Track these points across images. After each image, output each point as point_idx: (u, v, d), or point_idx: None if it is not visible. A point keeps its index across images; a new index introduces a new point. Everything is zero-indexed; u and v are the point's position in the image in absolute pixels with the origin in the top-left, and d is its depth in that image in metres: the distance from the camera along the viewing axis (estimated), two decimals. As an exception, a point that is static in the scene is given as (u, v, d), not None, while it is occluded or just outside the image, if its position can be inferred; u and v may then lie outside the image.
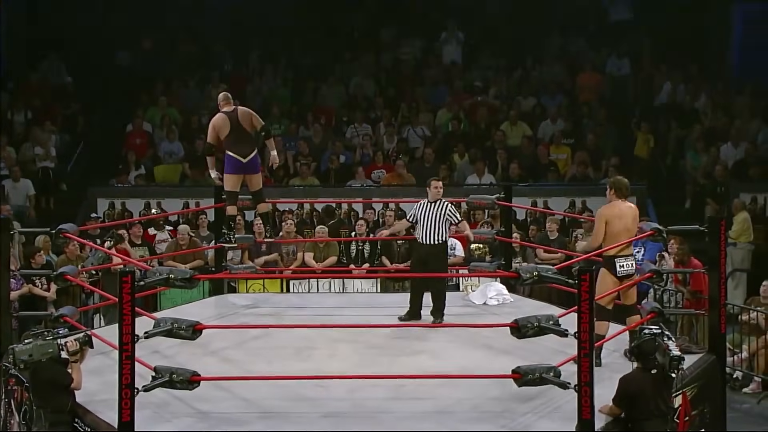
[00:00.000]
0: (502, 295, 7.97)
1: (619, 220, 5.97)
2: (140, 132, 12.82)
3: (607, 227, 5.95)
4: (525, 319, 5.21)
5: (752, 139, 12.51)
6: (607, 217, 5.97)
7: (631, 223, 6.04)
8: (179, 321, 5.21)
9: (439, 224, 7.16)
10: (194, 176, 12.20)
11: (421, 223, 7.21)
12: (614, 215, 5.98)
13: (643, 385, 5.06)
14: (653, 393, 5.06)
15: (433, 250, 7.15)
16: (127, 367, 4.90)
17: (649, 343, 5.06)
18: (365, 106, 13.48)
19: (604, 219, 5.96)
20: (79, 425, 5.21)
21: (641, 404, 5.05)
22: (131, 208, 11.44)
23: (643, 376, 5.08)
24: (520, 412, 5.30)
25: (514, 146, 12.63)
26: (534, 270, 5.24)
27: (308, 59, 14.32)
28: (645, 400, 5.04)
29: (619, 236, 5.99)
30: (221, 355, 6.35)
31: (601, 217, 5.98)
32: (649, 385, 5.06)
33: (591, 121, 13.09)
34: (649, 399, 5.04)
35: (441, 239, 7.17)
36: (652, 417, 5.05)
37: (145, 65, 14.13)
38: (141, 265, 7.26)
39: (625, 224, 6.00)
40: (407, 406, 5.43)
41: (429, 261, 7.12)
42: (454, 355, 6.39)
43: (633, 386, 5.07)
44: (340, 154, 12.41)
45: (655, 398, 5.06)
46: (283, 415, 5.31)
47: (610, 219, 5.97)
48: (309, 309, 7.78)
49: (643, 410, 5.05)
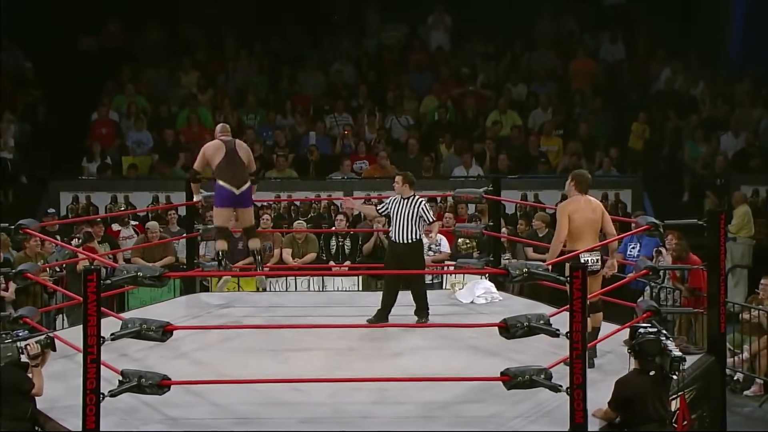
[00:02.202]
0: (490, 294, 7.99)
1: (581, 214, 6.15)
2: (106, 121, 12.75)
3: (570, 222, 6.13)
4: (514, 319, 5.23)
5: (753, 128, 12.60)
6: (569, 211, 6.15)
7: (591, 215, 6.20)
8: (148, 322, 5.19)
9: (413, 222, 7.14)
10: (164, 168, 12.14)
11: (395, 221, 7.18)
12: (576, 209, 6.16)
13: (640, 388, 5.08)
14: (651, 396, 5.08)
15: (408, 249, 7.13)
16: (92, 370, 4.87)
17: (652, 343, 5.08)
18: (346, 94, 13.46)
19: (566, 213, 6.14)
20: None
21: (638, 408, 5.07)
22: (97, 203, 11.39)
23: (641, 378, 5.11)
24: (509, 417, 5.32)
25: (503, 136, 12.66)
26: (524, 267, 5.26)
27: (286, 44, 14.28)
28: (642, 404, 5.06)
29: (582, 230, 6.15)
30: (193, 358, 6.33)
31: (564, 212, 6.16)
32: (647, 388, 5.08)
33: (584, 109, 13.14)
34: (647, 402, 5.07)
35: (415, 237, 7.17)
36: (650, 421, 5.08)
37: (110, 50, 14.03)
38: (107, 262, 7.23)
39: (586, 218, 6.17)
40: (390, 410, 5.44)
41: (404, 260, 7.09)
42: (440, 356, 6.41)
43: (630, 389, 5.09)
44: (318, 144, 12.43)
45: (653, 401, 5.09)
46: (258, 421, 5.30)
47: (572, 213, 6.15)
48: (287, 308, 7.77)
49: (640, 414, 5.07)
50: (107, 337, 5.03)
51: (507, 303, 7.85)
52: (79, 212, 11.13)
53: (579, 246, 6.12)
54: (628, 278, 7.25)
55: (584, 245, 6.12)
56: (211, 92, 13.34)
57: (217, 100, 13.22)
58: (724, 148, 12.31)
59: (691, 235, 8.09)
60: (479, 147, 12.47)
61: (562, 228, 6.14)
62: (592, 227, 6.19)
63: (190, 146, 12.45)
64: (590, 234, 6.18)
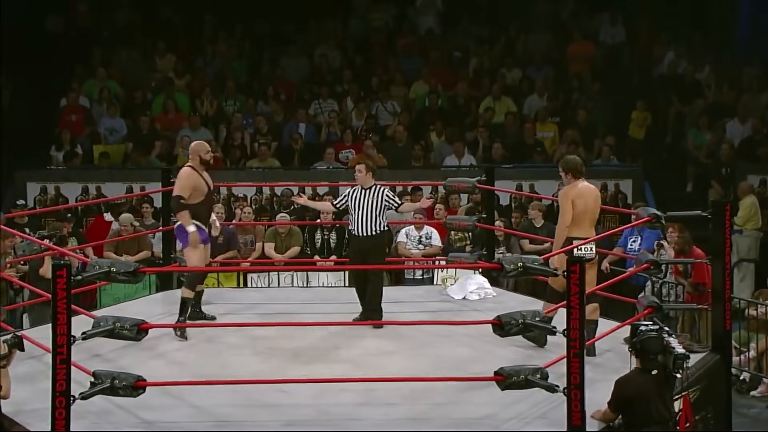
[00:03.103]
0: (483, 289, 8.01)
1: (582, 200, 6.32)
2: (76, 107, 12.70)
3: (573, 208, 6.29)
4: (509, 316, 5.25)
5: (761, 115, 12.65)
6: (572, 196, 6.31)
7: (593, 203, 6.36)
8: (122, 320, 5.18)
9: (376, 212, 7.08)
10: (139, 158, 12.10)
11: (354, 213, 7.11)
12: (578, 195, 6.32)
13: (642, 388, 5.10)
14: (653, 396, 5.10)
15: (372, 242, 7.07)
16: (61, 372, 4.86)
17: (654, 341, 5.09)
18: (331, 79, 13.45)
19: (570, 198, 6.30)
20: (5, 439, 5.17)
21: (640, 409, 5.09)
22: (66, 194, 11.35)
23: (643, 378, 5.13)
24: (504, 418, 5.34)
25: (496, 124, 12.68)
26: (519, 261, 5.27)
27: (267, 26, 14.24)
28: (644, 404, 5.08)
29: (581, 217, 6.32)
30: (170, 358, 6.33)
31: (567, 197, 6.31)
32: (648, 388, 5.10)
33: (582, 95, 13.17)
34: (649, 403, 5.09)
35: (379, 229, 7.12)
36: (652, 423, 5.10)
37: (80, 31, 13.96)
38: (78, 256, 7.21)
39: (586, 204, 6.34)
40: (378, 412, 5.45)
41: (368, 255, 7.05)
42: (430, 355, 6.42)
43: (631, 389, 5.11)
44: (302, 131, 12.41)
45: (655, 402, 5.11)
46: (240, 424, 5.31)
47: (575, 198, 6.31)
48: (269, 305, 7.77)
49: (642, 415, 5.09)
50: (78, 337, 5.02)
51: (501, 299, 7.86)
52: (48, 204, 11.08)
53: (577, 233, 6.26)
54: (628, 273, 7.28)
55: (582, 232, 6.26)
56: (189, 77, 13.30)
57: (195, 85, 13.18)
58: (730, 136, 12.36)
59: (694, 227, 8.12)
60: (472, 135, 12.49)
61: (566, 214, 6.27)
62: (591, 214, 6.36)
63: (167, 134, 12.43)
64: (589, 221, 6.35)
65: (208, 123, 12.66)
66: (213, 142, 12.26)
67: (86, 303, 8.17)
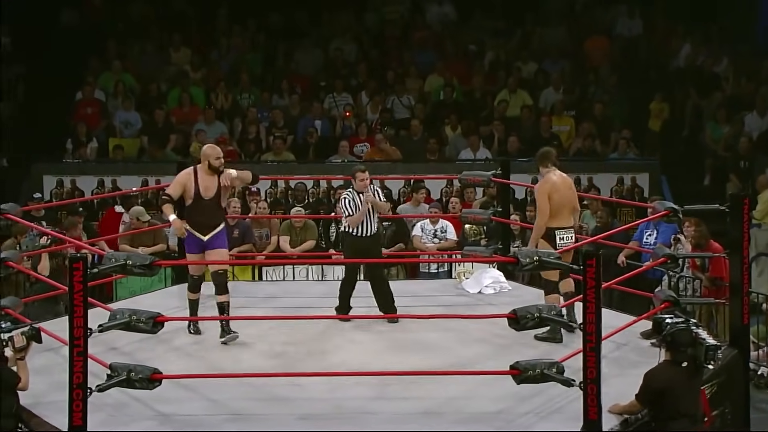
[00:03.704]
0: (498, 283, 8.02)
1: (557, 193, 6.62)
2: (91, 101, 12.75)
3: (549, 201, 6.56)
4: (524, 310, 5.25)
5: (780, 108, 12.57)
6: (548, 190, 6.59)
7: (568, 193, 6.69)
8: (138, 312, 5.22)
9: (374, 213, 7.26)
10: (155, 151, 12.14)
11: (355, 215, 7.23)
12: (554, 188, 6.61)
13: (672, 381, 5.06)
14: (683, 389, 5.07)
15: (374, 241, 7.31)
16: (78, 364, 4.90)
17: (684, 333, 5.06)
18: (346, 72, 13.44)
19: (546, 193, 6.59)
20: (23, 430, 5.20)
21: (668, 402, 5.05)
22: (82, 187, 11.40)
23: (673, 370, 5.09)
24: (519, 413, 5.34)
25: (512, 117, 12.65)
26: (534, 255, 5.27)
27: (281, 19, 14.25)
28: (673, 397, 5.05)
29: (560, 208, 6.61)
30: (185, 351, 6.36)
31: (543, 192, 6.60)
32: (679, 380, 5.07)
33: (598, 88, 13.12)
34: (678, 396, 5.05)
35: (377, 228, 7.35)
36: (680, 417, 5.06)
37: (95, 25, 14.01)
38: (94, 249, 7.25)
39: (563, 195, 6.65)
40: (392, 406, 5.46)
41: (371, 255, 7.23)
42: (445, 349, 6.43)
43: (661, 381, 5.07)
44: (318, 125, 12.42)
45: (684, 395, 5.07)
46: (254, 418, 5.33)
47: (551, 192, 6.60)
48: (284, 299, 7.79)
49: (670, 409, 5.05)
50: (95, 329, 5.06)
51: (517, 293, 7.88)
52: (64, 197, 11.14)
53: (557, 224, 6.57)
54: (644, 267, 7.25)
55: (562, 222, 6.59)
56: (204, 70, 13.33)
57: (210, 78, 13.21)
58: (749, 129, 12.28)
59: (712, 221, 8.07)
60: (487, 128, 12.47)
61: (544, 208, 6.57)
62: (569, 204, 6.67)
63: (182, 127, 12.47)
64: (567, 211, 6.66)
65: (223, 116, 12.69)
66: (228, 136, 12.31)
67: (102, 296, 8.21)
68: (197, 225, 6.63)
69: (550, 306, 5.28)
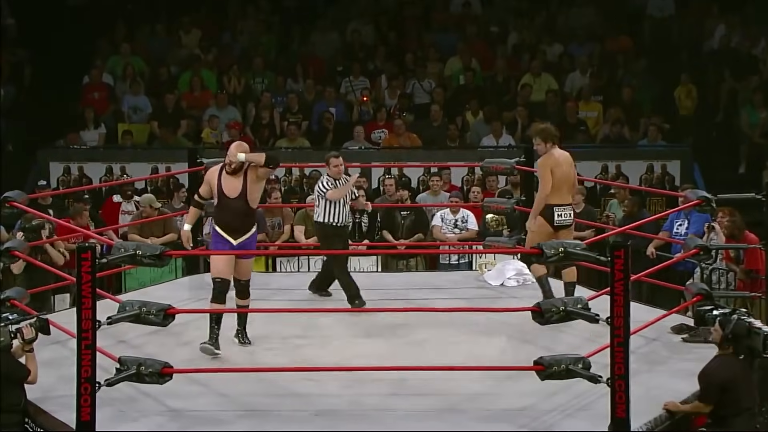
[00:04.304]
0: (522, 275, 8.00)
1: (560, 168, 6.87)
2: (99, 84, 12.80)
3: (552, 176, 6.82)
4: (549, 303, 5.24)
5: (820, 92, 12.47)
6: (550, 165, 6.84)
7: (569, 170, 6.94)
8: (148, 304, 5.24)
9: (347, 202, 7.46)
10: (164, 136, 12.18)
11: (331, 204, 7.39)
12: (556, 164, 6.86)
13: (734, 374, 5.04)
14: (742, 383, 5.05)
15: (345, 231, 7.54)
16: (86, 357, 4.92)
17: (741, 324, 5.06)
18: (363, 55, 13.43)
19: (548, 167, 6.83)
20: (29, 426, 5.24)
21: (730, 398, 5.02)
22: (90, 174, 11.46)
23: (731, 364, 5.07)
24: (543, 410, 5.33)
25: (536, 102, 12.61)
26: (559, 246, 5.26)
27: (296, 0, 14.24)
28: (735, 393, 5.02)
29: (561, 184, 6.87)
30: (196, 345, 6.37)
31: (546, 166, 6.84)
32: (739, 375, 5.05)
33: (627, 72, 13.06)
34: (739, 391, 5.03)
35: (349, 221, 7.61)
36: (740, 412, 5.04)
37: (103, 6, 14.04)
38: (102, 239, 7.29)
39: (564, 171, 6.89)
40: (411, 403, 5.47)
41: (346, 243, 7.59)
42: (466, 343, 6.44)
43: (722, 377, 5.03)
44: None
45: (744, 389, 5.05)
46: (267, 414, 5.34)
47: (553, 167, 6.85)
48: (298, 291, 7.81)
49: (732, 405, 5.03)
50: (103, 321, 5.08)
51: (541, 286, 7.85)
52: (71, 184, 11.20)
53: (556, 200, 6.83)
54: (675, 258, 7.24)
55: (561, 199, 6.84)
56: (215, 52, 13.34)
57: (222, 61, 13.23)
58: (788, 114, 12.20)
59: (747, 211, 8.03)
60: (510, 114, 12.43)
61: (546, 183, 6.82)
62: (568, 181, 6.92)
63: (193, 112, 12.50)
64: (567, 187, 6.91)
65: (236, 101, 12.71)
66: (240, 122, 12.34)
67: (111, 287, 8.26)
68: (225, 227, 6.30)
69: (576, 299, 5.26)
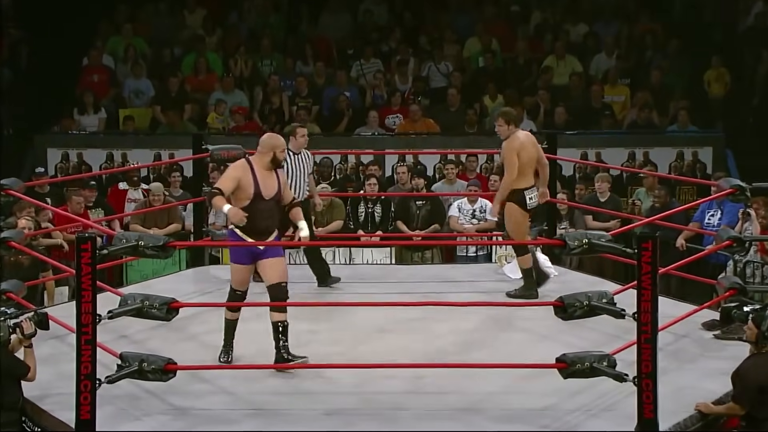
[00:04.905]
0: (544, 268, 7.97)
1: (525, 150, 7.16)
2: (99, 67, 12.81)
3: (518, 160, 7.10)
4: (572, 297, 5.23)
5: None
6: (517, 149, 7.10)
7: (534, 151, 7.24)
8: (150, 298, 5.25)
9: (306, 177, 7.62)
10: (170, 121, 12.18)
11: (290, 179, 7.38)
12: (522, 147, 7.14)
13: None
14: None
15: (306, 207, 7.37)
16: (86, 353, 4.94)
17: None
18: (376, 37, 13.41)
19: (515, 151, 7.09)
20: (27, 425, 5.26)
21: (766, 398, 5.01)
22: (90, 161, 11.48)
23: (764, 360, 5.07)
24: (566, 410, 5.33)
25: (559, 86, 12.57)
26: (584, 237, 5.24)
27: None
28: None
29: (527, 167, 7.18)
30: (202, 340, 6.40)
31: (512, 150, 7.10)
32: None
33: (656, 53, 13.00)
34: None
35: (306, 194, 7.63)
36: None
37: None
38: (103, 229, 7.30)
39: (529, 154, 7.19)
40: (428, 401, 5.47)
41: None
42: (485, 339, 6.44)
43: (759, 377, 5.02)
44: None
45: None
46: (276, 413, 5.36)
47: (519, 151, 7.12)
48: (308, 284, 7.82)
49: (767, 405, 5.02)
50: (104, 316, 5.10)
51: (564, 279, 7.84)
52: (70, 171, 11.23)
53: (524, 184, 7.14)
54: (707, 250, 7.21)
55: (526, 182, 7.15)
56: (220, 33, 13.34)
57: (228, 43, 13.22)
58: (828, 97, 12.12)
59: (784, 201, 7.99)
60: (532, 98, 12.40)
61: (513, 167, 7.09)
62: (533, 163, 7.22)
63: (197, 96, 12.51)
64: (531, 170, 7.23)
65: (243, 84, 12.71)
66: (247, 106, 12.33)
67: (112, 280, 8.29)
68: (253, 231, 5.91)
69: (601, 293, 5.25)
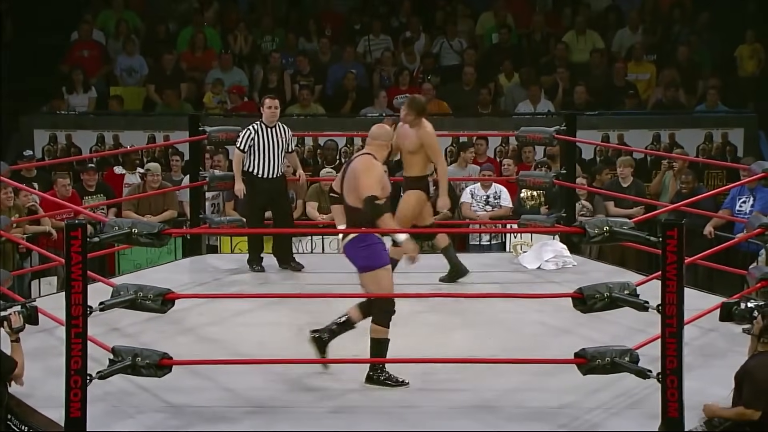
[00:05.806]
0: (561, 258, 8.01)
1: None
2: (89, 42, 12.82)
3: None
4: (592, 288, 5.24)
5: None
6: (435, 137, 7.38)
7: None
8: (144, 289, 5.26)
9: (281, 153, 7.85)
10: (164, 101, 12.19)
11: (260, 153, 7.73)
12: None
13: None
14: None
15: (280, 185, 7.85)
16: (76, 347, 4.96)
17: None
18: (385, 11, 13.40)
19: (435, 137, 7.35)
20: (13, 423, 5.28)
21: None
22: (79, 143, 11.50)
23: None
24: (585, 408, 5.34)
25: (580, 63, 12.56)
26: (604, 225, 5.25)
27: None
28: None
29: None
30: (199, 333, 6.43)
31: (435, 136, 7.32)
32: None
33: (684, 28, 12.96)
34: None
35: (282, 170, 7.91)
36: None
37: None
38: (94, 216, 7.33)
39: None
40: (438, 399, 5.49)
41: (276, 198, 7.91)
42: (499, 333, 6.45)
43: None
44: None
45: None
46: (278, 410, 5.38)
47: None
48: (312, 274, 7.84)
49: None
50: (95, 307, 5.12)
51: (583, 269, 7.87)
52: (58, 154, 11.25)
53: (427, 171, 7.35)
54: (737, 239, 7.21)
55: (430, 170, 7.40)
56: (217, 6, 13.33)
57: (226, 18, 13.22)
58: None
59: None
60: (550, 77, 12.39)
61: (441, 155, 7.50)
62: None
63: (194, 75, 12.51)
64: None
65: (242, 62, 12.71)
66: (246, 85, 12.34)
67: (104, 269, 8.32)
68: None
69: (623, 284, 5.25)
